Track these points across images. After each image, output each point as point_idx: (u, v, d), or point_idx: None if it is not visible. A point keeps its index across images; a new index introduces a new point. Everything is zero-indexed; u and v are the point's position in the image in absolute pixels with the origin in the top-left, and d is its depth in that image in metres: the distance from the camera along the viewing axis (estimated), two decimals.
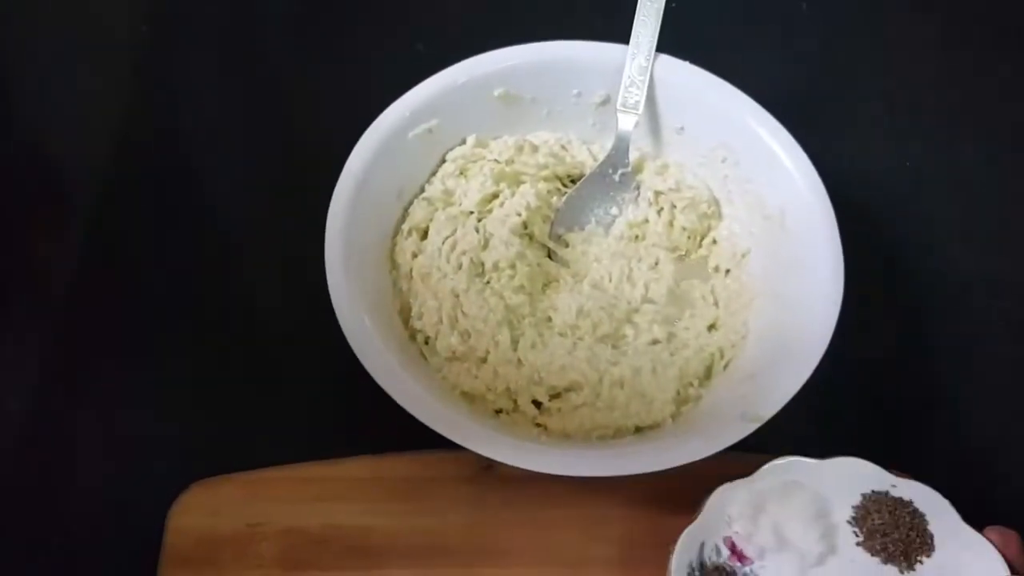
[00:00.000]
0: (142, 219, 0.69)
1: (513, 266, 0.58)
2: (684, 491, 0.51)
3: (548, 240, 0.62)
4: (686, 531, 0.49)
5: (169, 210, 0.69)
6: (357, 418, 0.59)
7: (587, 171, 0.64)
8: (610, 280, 0.60)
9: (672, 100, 0.62)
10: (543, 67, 0.63)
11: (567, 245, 0.63)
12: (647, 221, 0.62)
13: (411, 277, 0.59)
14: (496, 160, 0.63)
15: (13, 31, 0.77)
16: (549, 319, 0.58)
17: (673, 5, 0.62)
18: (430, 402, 0.51)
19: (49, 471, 0.59)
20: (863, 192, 0.66)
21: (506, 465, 0.49)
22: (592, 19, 0.72)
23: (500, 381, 0.55)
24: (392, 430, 0.53)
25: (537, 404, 0.56)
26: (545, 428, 0.55)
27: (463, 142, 0.63)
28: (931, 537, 0.48)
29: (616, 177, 0.63)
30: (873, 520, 0.49)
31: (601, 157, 0.64)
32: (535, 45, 0.63)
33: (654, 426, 0.54)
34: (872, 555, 0.48)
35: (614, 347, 0.58)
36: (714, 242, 0.62)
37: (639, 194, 0.63)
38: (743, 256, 0.61)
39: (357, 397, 0.53)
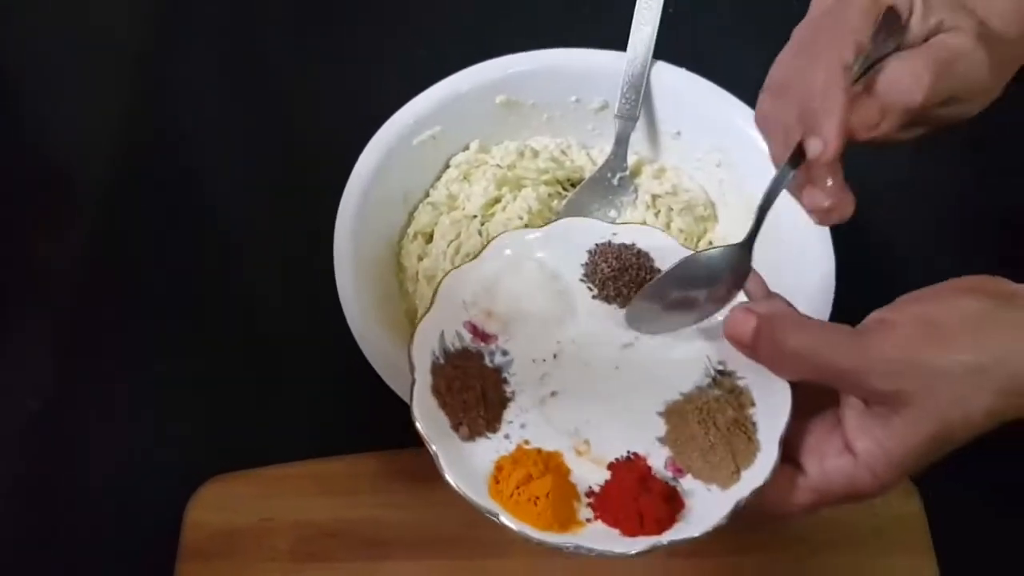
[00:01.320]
0: (146, 220, 0.70)
1: None
2: None
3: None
4: (420, 324, 0.46)
5: (172, 211, 0.70)
6: (365, 416, 0.61)
7: (586, 175, 0.65)
8: None
9: (669, 105, 0.64)
10: (543, 74, 0.64)
11: None
12: (644, 223, 0.64)
13: (417, 279, 0.61)
14: (498, 165, 0.64)
15: (14, 32, 0.78)
16: None
17: (670, 11, 0.64)
18: None
19: (66, 471, 0.61)
20: (855, 195, 0.68)
21: None
22: (591, 27, 0.73)
23: None
24: (399, 427, 0.54)
25: None
26: None
27: (466, 148, 0.65)
28: (659, 272, 0.48)
29: (614, 181, 0.64)
30: (602, 270, 0.48)
31: (600, 161, 0.65)
32: (535, 53, 0.64)
33: None
34: (609, 304, 0.48)
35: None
36: (711, 244, 0.64)
37: (637, 197, 0.65)
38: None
39: (365, 395, 0.54)
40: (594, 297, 0.48)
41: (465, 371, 0.45)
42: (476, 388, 0.45)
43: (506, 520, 0.41)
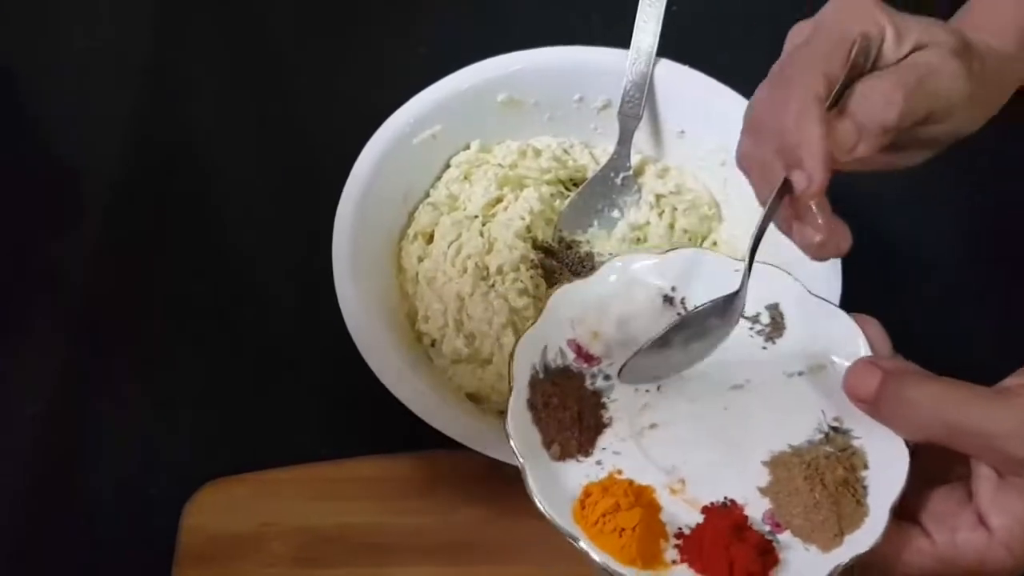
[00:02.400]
0: (152, 221, 0.70)
1: (517, 269, 0.59)
2: None
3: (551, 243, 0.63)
4: (525, 334, 0.45)
5: (178, 212, 0.70)
6: (366, 419, 0.60)
7: (589, 175, 0.65)
8: None
9: (673, 104, 0.63)
10: (545, 72, 0.64)
11: (569, 248, 0.64)
12: (648, 223, 0.63)
13: (417, 281, 0.60)
14: (500, 165, 0.64)
15: (23, 31, 0.77)
16: None
17: (674, 9, 0.63)
18: (437, 404, 0.52)
19: (64, 472, 0.60)
20: (861, 193, 0.67)
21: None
22: (593, 24, 0.73)
23: (504, 383, 0.56)
24: (400, 430, 0.54)
25: None
26: None
27: (467, 147, 0.64)
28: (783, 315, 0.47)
29: (618, 180, 0.64)
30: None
31: (603, 161, 0.64)
32: (537, 51, 0.64)
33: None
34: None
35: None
36: (715, 244, 0.63)
37: (640, 197, 0.64)
38: (743, 259, 0.62)
39: (366, 399, 0.54)
40: None
41: (564, 389, 0.44)
42: (573, 409, 0.44)
43: (586, 546, 0.39)
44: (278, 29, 0.80)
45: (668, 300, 0.48)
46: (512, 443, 0.42)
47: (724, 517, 0.41)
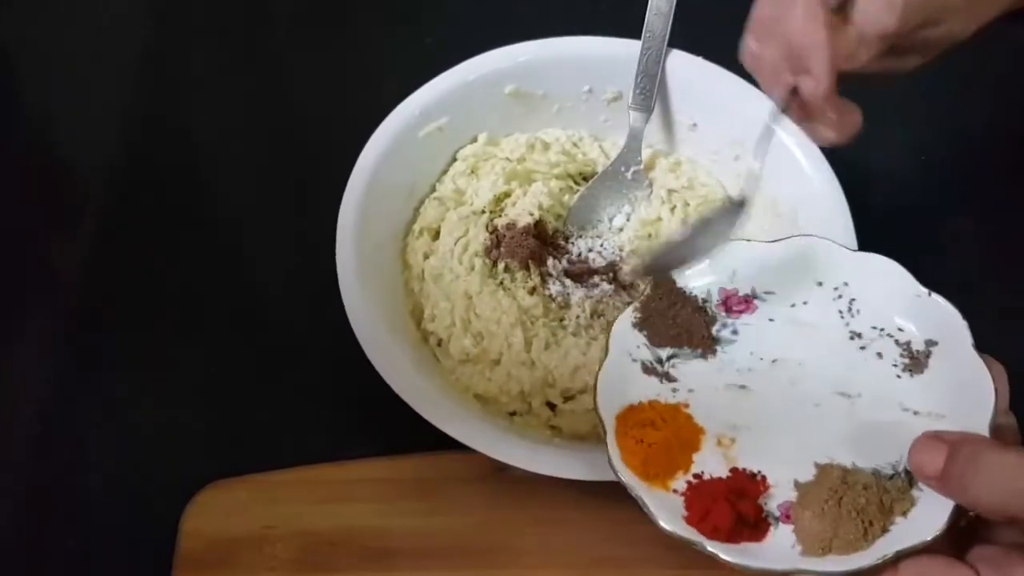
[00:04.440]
0: (151, 217, 0.69)
1: (527, 267, 0.58)
2: None
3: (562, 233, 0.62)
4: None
5: (178, 208, 0.69)
6: (370, 420, 0.59)
7: (599, 169, 0.63)
8: None
9: (685, 96, 0.62)
10: (554, 63, 0.62)
11: (579, 240, 0.62)
12: (660, 219, 0.62)
13: (423, 278, 0.59)
14: (507, 158, 0.62)
15: (21, 28, 0.77)
16: (562, 320, 0.58)
17: None
18: (443, 405, 0.51)
19: (62, 473, 0.59)
20: (879, 189, 0.66)
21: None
22: (603, 13, 0.71)
23: (513, 383, 0.55)
24: (405, 432, 0.53)
25: (551, 406, 0.55)
26: (559, 430, 0.55)
27: (474, 140, 0.63)
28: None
29: (628, 175, 0.62)
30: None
31: (613, 154, 0.63)
32: (546, 41, 0.62)
33: None
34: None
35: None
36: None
37: (651, 192, 0.62)
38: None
39: (370, 399, 0.53)
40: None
41: (686, 311, 0.48)
42: (682, 329, 0.48)
43: (608, 437, 0.43)
44: (280, 18, 0.79)
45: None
46: (618, 323, 0.47)
47: (741, 481, 0.43)
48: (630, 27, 0.61)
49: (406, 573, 0.55)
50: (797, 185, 0.57)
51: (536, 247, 0.58)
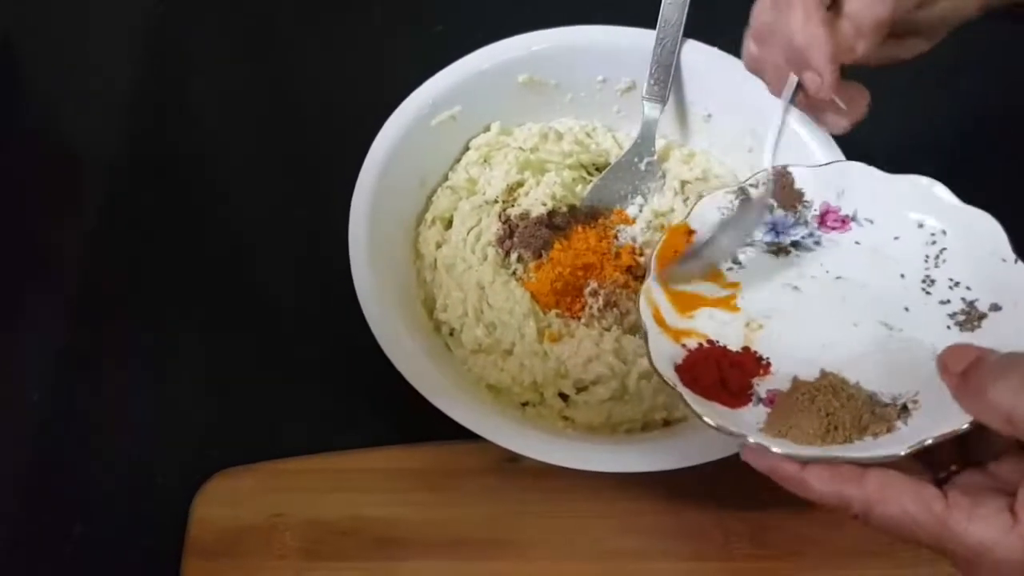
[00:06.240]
0: (159, 205, 0.68)
1: (539, 256, 0.57)
2: (714, 481, 0.51)
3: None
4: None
5: (187, 196, 0.69)
6: (381, 409, 0.59)
7: (612, 159, 0.63)
8: None
9: (700, 87, 0.61)
10: (568, 52, 0.62)
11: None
12: (673, 210, 0.61)
13: (435, 268, 0.59)
14: (520, 148, 0.62)
15: (24, 14, 0.76)
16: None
17: None
18: (456, 395, 0.51)
19: (73, 461, 0.59)
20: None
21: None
22: (617, 3, 0.71)
23: (526, 374, 0.54)
24: (417, 421, 0.52)
25: (564, 397, 0.55)
26: (572, 421, 0.54)
27: (487, 129, 0.63)
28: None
29: (642, 166, 0.62)
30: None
31: (627, 145, 0.63)
32: (559, 30, 0.62)
33: (683, 419, 0.54)
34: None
35: (641, 338, 0.57)
36: None
37: (665, 183, 0.62)
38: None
39: (381, 388, 0.52)
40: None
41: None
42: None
43: (682, 391, 0.43)
44: (291, 7, 0.78)
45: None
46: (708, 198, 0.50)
47: (744, 358, 0.45)
48: (645, 17, 0.61)
49: (415, 563, 0.55)
50: None
51: (549, 237, 0.58)
